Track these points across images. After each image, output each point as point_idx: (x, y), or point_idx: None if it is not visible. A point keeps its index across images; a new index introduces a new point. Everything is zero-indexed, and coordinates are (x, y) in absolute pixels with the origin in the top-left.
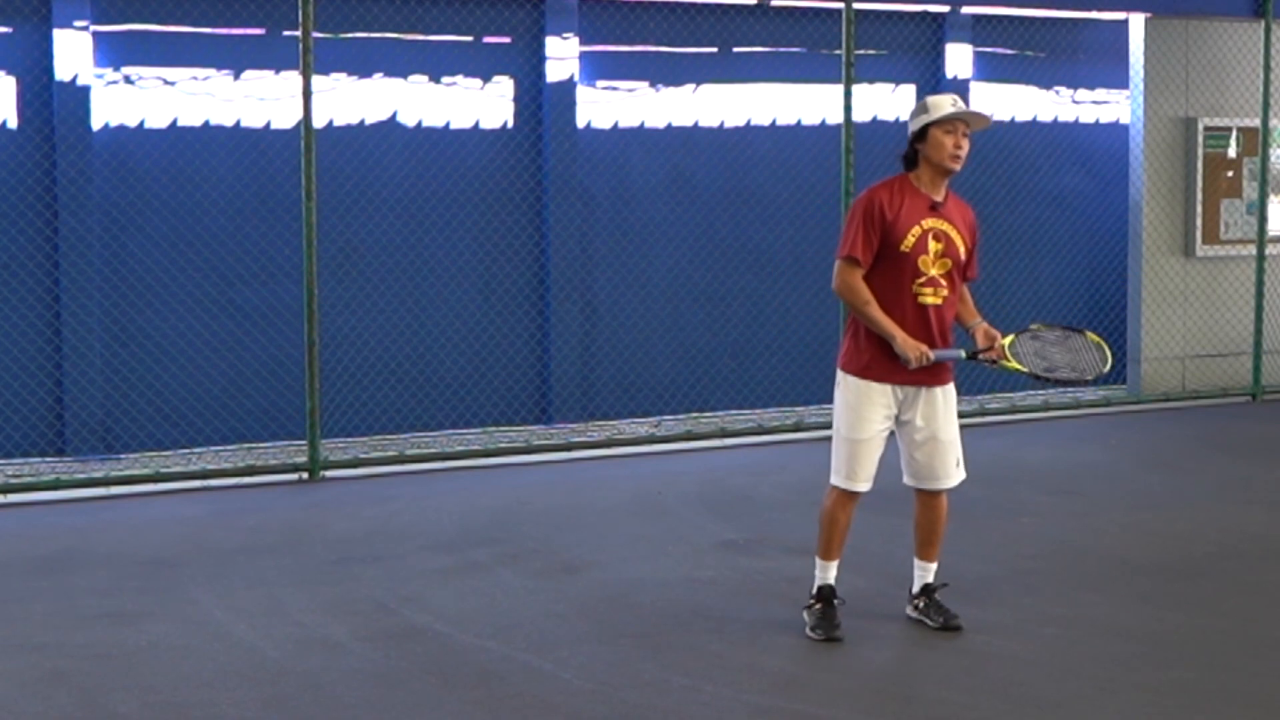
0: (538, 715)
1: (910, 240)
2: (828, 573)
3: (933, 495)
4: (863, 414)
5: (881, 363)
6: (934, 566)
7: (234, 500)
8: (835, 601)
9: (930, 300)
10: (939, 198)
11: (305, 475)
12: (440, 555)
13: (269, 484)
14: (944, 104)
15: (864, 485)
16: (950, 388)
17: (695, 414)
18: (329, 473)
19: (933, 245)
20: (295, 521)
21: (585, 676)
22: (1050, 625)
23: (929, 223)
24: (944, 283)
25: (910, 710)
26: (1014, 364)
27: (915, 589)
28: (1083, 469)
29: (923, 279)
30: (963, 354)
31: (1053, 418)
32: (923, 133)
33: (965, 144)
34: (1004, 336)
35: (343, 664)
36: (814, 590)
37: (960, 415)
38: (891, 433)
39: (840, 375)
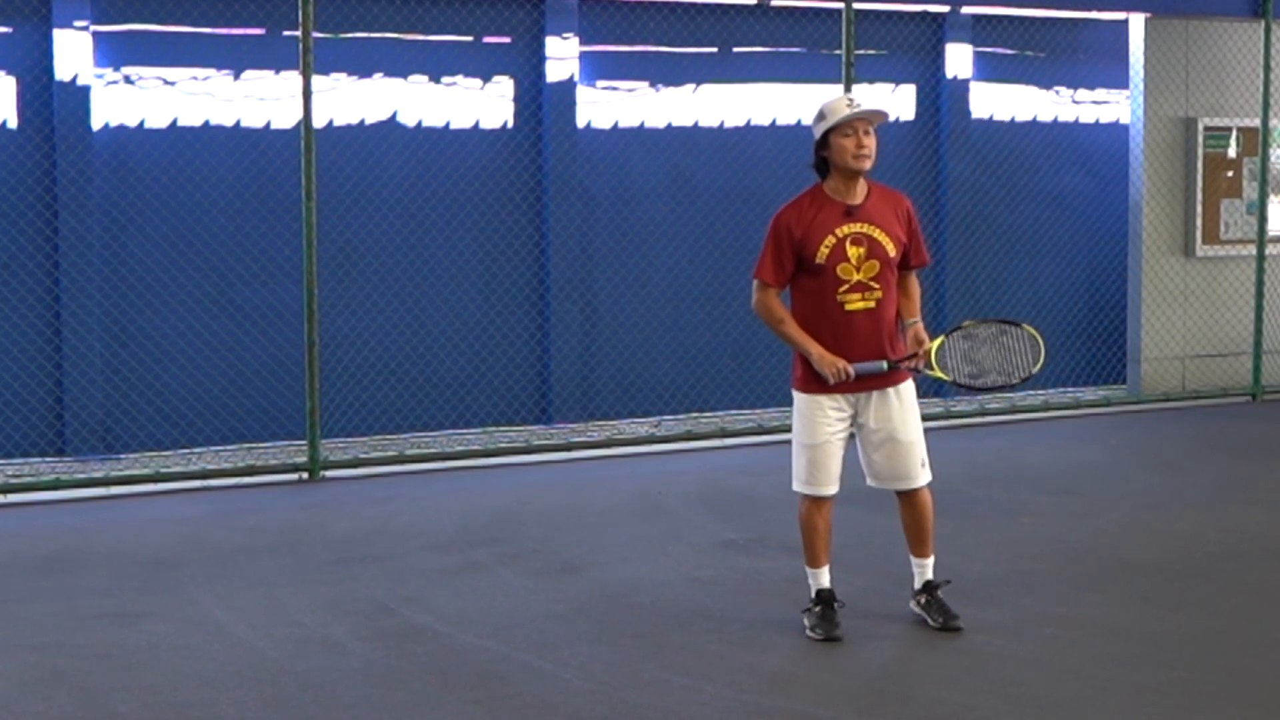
0: (538, 715)
1: (824, 251)
2: (821, 579)
3: (911, 493)
4: (814, 419)
5: (821, 376)
6: (930, 561)
7: (234, 500)
8: (835, 604)
9: (859, 306)
10: (855, 200)
11: (305, 475)
12: (440, 555)
13: (269, 484)
14: (839, 108)
15: (830, 489)
16: (905, 387)
17: (695, 414)
18: (329, 473)
19: (852, 251)
20: (295, 521)
21: (585, 676)
22: (1050, 625)
23: (844, 229)
24: (875, 285)
25: (910, 710)
26: (937, 372)
27: (917, 585)
28: (1083, 469)
29: (846, 286)
30: (884, 365)
31: (1053, 418)
32: (825, 139)
33: (869, 141)
34: (934, 339)
35: (343, 664)
36: (812, 595)
37: (960, 415)
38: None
39: (793, 393)
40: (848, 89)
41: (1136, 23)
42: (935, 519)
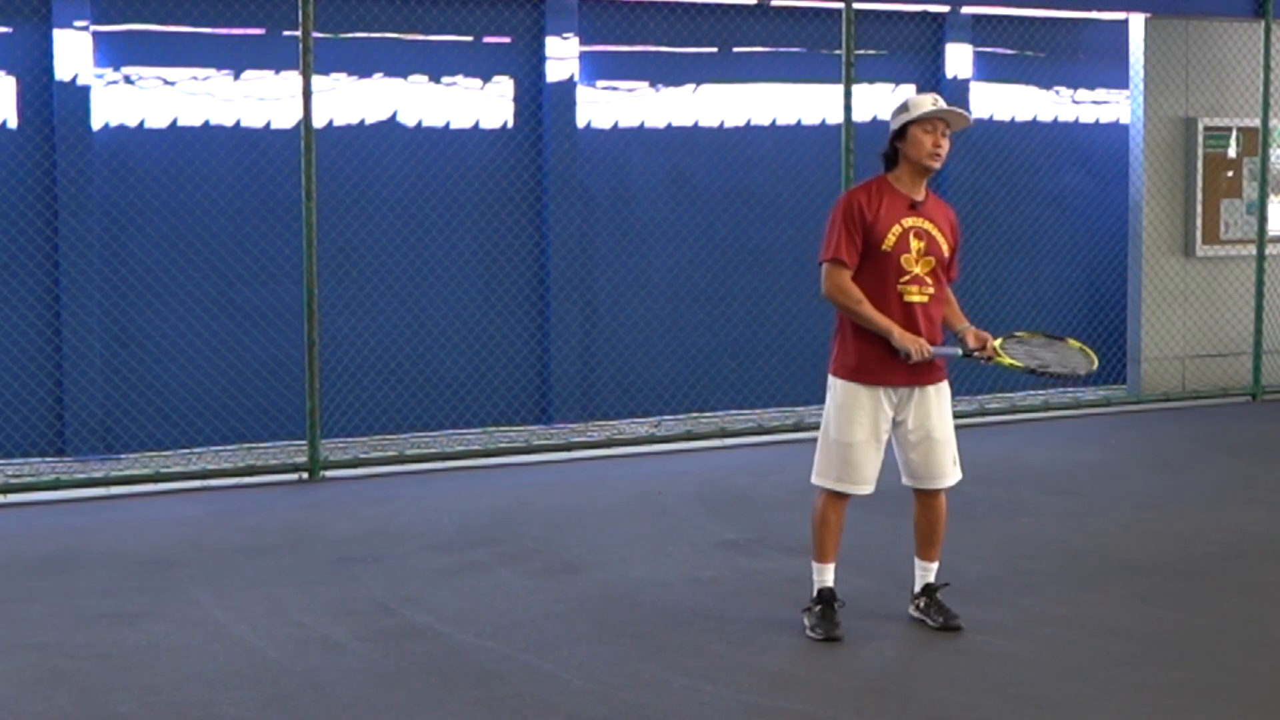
0: (538, 715)
1: (891, 239)
2: (825, 575)
3: (931, 495)
4: (853, 416)
5: (871, 365)
6: (935, 566)
7: (234, 500)
8: (835, 604)
9: (916, 298)
10: (919, 197)
11: (305, 475)
12: (440, 555)
13: (269, 484)
14: (924, 103)
15: (864, 488)
16: (943, 386)
17: (695, 414)
18: (329, 473)
19: (914, 243)
20: (295, 521)
21: (585, 676)
22: (1050, 625)
23: (909, 221)
24: (929, 281)
25: (910, 710)
26: (1009, 360)
27: (917, 588)
28: (1083, 469)
29: (907, 277)
30: (959, 352)
31: (1053, 418)
32: (902, 131)
33: (945, 143)
34: (994, 339)
35: (343, 664)
36: (814, 593)
37: (960, 415)
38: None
39: (830, 380)
40: (848, 89)
41: (1136, 23)
42: None
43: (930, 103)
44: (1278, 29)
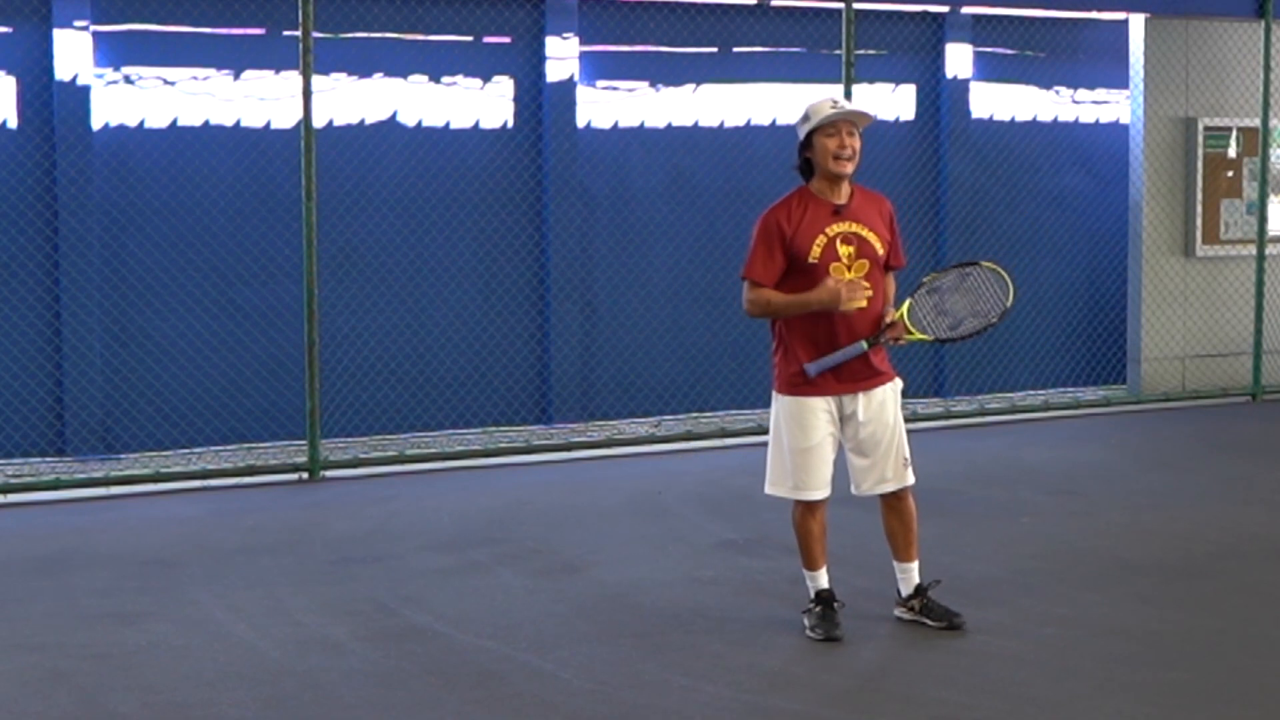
0: (538, 715)
1: (816, 250)
2: (819, 580)
3: (896, 498)
4: (805, 422)
5: (815, 377)
6: (915, 565)
7: (234, 500)
8: (835, 604)
9: (856, 304)
10: (841, 200)
11: (305, 475)
12: (440, 555)
13: (269, 484)
14: (823, 108)
15: (820, 492)
16: (892, 385)
17: (695, 414)
18: (329, 473)
19: (843, 249)
20: (295, 521)
21: (585, 676)
22: (1050, 625)
23: (834, 229)
24: (866, 284)
25: (910, 710)
26: (916, 335)
27: (905, 591)
28: (1083, 469)
29: None
30: (864, 345)
31: (1053, 418)
32: (809, 140)
33: (852, 142)
34: (900, 307)
35: (343, 664)
36: (812, 596)
37: (960, 415)
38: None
39: (775, 397)
40: (848, 89)
41: (1136, 23)
42: (932, 520)
43: (829, 106)
44: (1278, 29)
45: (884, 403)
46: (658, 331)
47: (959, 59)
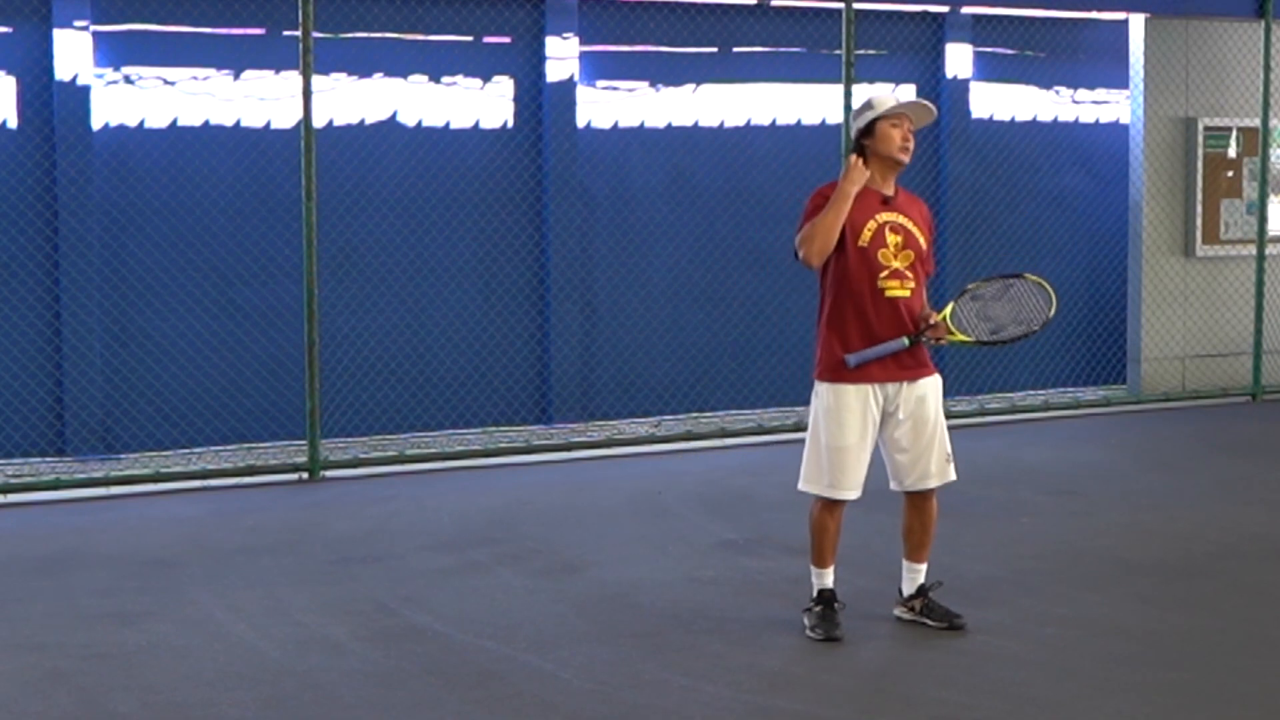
0: (538, 715)
1: (867, 235)
2: (825, 579)
3: (923, 497)
4: (843, 420)
5: (852, 368)
6: (924, 567)
7: (234, 500)
8: (835, 604)
9: (898, 293)
10: (889, 192)
11: (305, 475)
12: (440, 555)
13: (269, 484)
14: (888, 100)
15: (852, 493)
16: (933, 380)
17: (695, 414)
18: (329, 473)
19: (891, 238)
20: (295, 521)
21: (585, 676)
22: (1050, 625)
23: (883, 216)
24: (909, 275)
25: (910, 710)
26: (959, 336)
27: (908, 591)
28: (1083, 469)
29: (886, 272)
30: (905, 341)
31: (1053, 418)
32: (870, 128)
33: (911, 138)
34: (943, 309)
35: (343, 664)
36: (813, 594)
37: (960, 415)
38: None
39: (816, 385)
40: (848, 89)
41: (1136, 23)
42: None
43: (893, 100)
44: (1278, 29)
45: (925, 396)
46: (658, 331)
47: (959, 59)
